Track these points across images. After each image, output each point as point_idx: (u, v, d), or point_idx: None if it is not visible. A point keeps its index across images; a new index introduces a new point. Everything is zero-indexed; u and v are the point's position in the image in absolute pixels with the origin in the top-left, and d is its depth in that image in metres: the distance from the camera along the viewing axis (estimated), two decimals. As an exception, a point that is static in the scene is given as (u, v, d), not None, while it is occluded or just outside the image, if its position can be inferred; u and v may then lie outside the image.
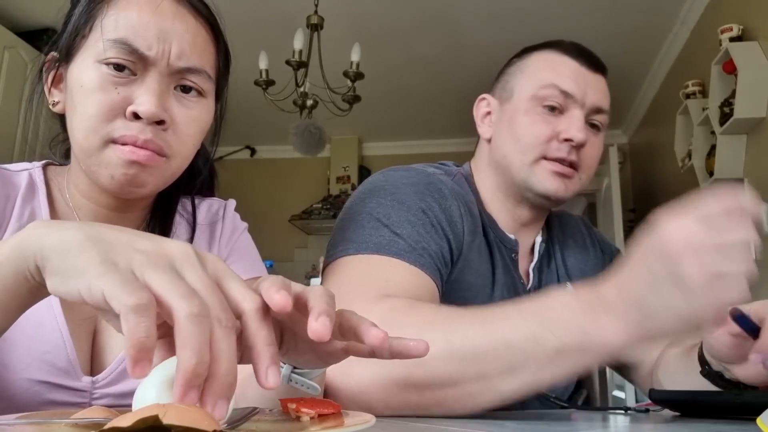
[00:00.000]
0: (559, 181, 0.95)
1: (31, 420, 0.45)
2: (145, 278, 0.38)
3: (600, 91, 0.97)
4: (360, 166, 4.92)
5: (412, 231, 0.85)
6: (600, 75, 0.99)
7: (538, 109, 0.96)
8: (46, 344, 0.66)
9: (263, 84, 2.80)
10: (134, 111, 0.65)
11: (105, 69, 0.66)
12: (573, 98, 0.95)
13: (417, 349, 0.48)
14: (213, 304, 0.38)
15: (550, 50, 0.99)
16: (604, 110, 0.97)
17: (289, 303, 0.42)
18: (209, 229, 0.83)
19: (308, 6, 2.82)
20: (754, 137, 2.40)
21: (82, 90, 0.66)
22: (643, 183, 4.15)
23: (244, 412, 0.48)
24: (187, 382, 0.36)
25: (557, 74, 0.96)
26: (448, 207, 0.90)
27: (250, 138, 4.85)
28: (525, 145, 0.96)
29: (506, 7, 3.08)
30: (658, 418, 0.77)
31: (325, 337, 0.42)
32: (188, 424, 0.34)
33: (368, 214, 0.86)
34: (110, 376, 0.69)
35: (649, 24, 3.18)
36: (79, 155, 0.69)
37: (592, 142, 0.97)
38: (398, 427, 0.59)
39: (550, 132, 0.94)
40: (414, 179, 0.91)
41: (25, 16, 3.26)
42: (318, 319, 0.42)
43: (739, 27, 2.44)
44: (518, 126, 0.97)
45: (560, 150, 0.94)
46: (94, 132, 0.65)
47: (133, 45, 0.66)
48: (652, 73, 3.65)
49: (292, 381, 0.56)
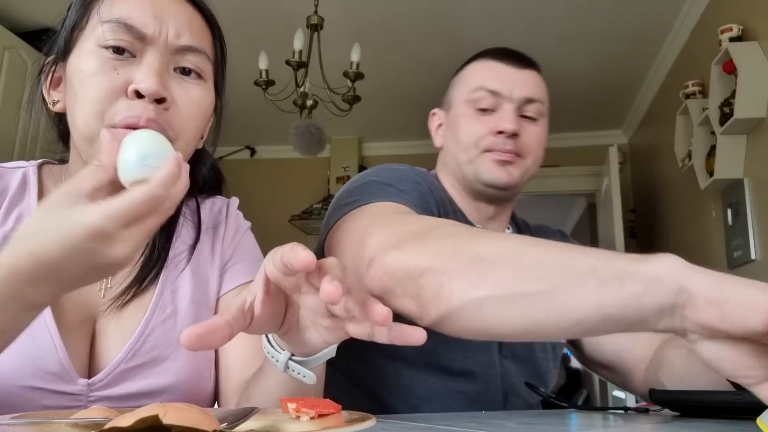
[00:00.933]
0: (502, 168, 1.04)
1: (31, 420, 0.45)
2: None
3: (528, 84, 1.06)
4: (360, 166, 4.91)
5: (415, 193, 0.93)
6: (528, 70, 1.08)
7: (471, 111, 1.07)
8: (37, 350, 0.65)
9: (263, 84, 2.80)
10: (135, 89, 0.64)
11: (105, 53, 0.66)
12: (501, 95, 1.05)
13: (414, 337, 0.49)
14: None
15: (479, 59, 1.11)
16: (534, 100, 1.06)
17: (313, 260, 0.46)
18: (212, 230, 0.83)
19: (308, 6, 2.82)
20: (754, 137, 2.40)
21: (82, 75, 0.65)
22: (643, 183, 4.15)
23: (244, 412, 0.48)
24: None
25: (484, 77, 1.07)
26: (429, 191, 1.00)
27: (250, 138, 4.85)
28: (466, 144, 1.06)
29: (506, 7, 3.08)
30: (658, 418, 0.77)
31: (335, 299, 0.44)
32: (188, 424, 0.34)
33: (369, 181, 0.92)
34: (107, 378, 0.68)
35: (649, 24, 3.18)
36: (81, 145, 0.68)
37: (528, 130, 1.06)
38: (398, 427, 0.59)
39: (485, 128, 1.04)
40: (399, 167, 1.01)
41: (25, 16, 3.26)
42: (332, 282, 0.45)
43: (739, 27, 2.44)
44: (459, 129, 1.08)
45: (497, 142, 1.04)
46: (95, 116, 0.64)
47: (130, 23, 0.65)
48: (652, 73, 3.65)
49: (289, 368, 0.57)
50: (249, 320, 0.51)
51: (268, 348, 0.59)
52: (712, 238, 2.83)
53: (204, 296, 0.78)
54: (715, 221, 2.78)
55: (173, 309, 0.74)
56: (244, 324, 0.51)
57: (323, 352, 0.58)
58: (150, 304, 0.73)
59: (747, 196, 2.44)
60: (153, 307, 0.73)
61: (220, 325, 0.48)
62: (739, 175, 2.47)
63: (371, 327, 0.49)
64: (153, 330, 0.72)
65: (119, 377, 0.69)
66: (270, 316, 0.53)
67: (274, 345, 0.59)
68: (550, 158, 4.59)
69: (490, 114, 1.06)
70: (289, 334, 0.55)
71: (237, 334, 0.50)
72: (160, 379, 0.70)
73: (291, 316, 0.55)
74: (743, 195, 2.45)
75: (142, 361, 0.70)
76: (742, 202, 2.45)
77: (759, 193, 2.37)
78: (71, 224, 0.47)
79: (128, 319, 0.71)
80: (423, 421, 0.64)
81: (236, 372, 0.75)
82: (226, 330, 0.49)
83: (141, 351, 0.70)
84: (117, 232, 0.47)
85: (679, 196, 3.35)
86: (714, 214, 2.81)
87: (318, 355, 0.58)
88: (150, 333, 0.71)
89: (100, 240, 0.47)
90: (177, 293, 0.76)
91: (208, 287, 0.79)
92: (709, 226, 2.86)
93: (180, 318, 0.74)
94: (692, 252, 3.14)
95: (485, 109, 1.06)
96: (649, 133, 4.00)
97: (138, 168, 0.49)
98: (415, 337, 0.49)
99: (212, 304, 0.79)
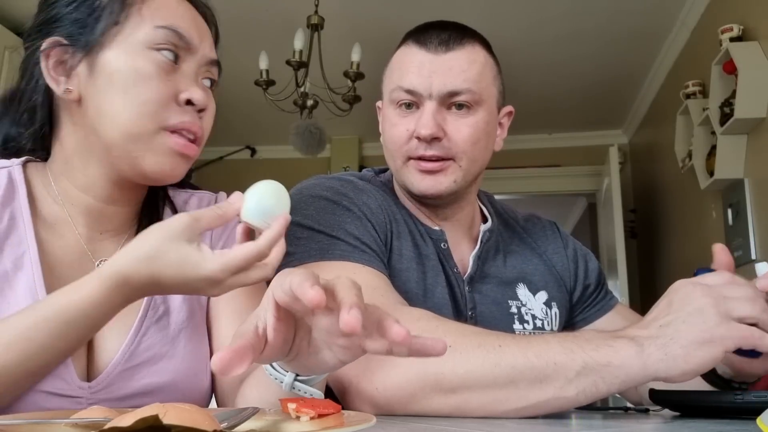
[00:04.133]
0: (428, 179, 0.93)
1: (31, 420, 0.45)
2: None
3: (451, 72, 0.91)
4: (360, 166, 4.91)
5: (347, 230, 0.86)
6: (454, 51, 0.93)
7: (393, 110, 0.95)
8: None
9: (263, 84, 2.80)
10: (188, 98, 0.70)
11: (158, 56, 0.68)
12: (419, 94, 0.92)
13: (435, 348, 0.48)
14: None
15: (403, 44, 0.99)
16: (459, 91, 0.91)
17: (323, 299, 0.44)
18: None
19: (308, 6, 2.82)
20: (754, 137, 2.40)
21: (136, 74, 0.67)
22: (643, 183, 4.15)
23: (244, 412, 0.48)
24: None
25: (402, 73, 0.94)
26: (365, 200, 0.93)
27: (251, 138, 4.85)
28: (391, 151, 0.96)
29: (506, 7, 3.08)
30: (658, 418, 0.77)
31: (357, 329, 0.42)
32: (188, 424, 0.34)
33: (298, 225, 0.87)
34: (107, 380, 0.68)
35: (650, 24, 3.18)
36: (118, 141, 0.68)
37: (457, 127, 0.92)
38: (398, 427, 0.59)
39: (406, 132, 0.93)
40: (326, 183, 0.95)
41: (26, 16, 3.25)
42: (350, 312, 0.43)
43: (740, 27, 2.44)
44: (384, 131, 0.98)
45: (418, 148, 0.92)
46: (150, 117, 0.68)
47: (180, 31, 0.70)
48: (653, 73, 3.65)
49: (294, 389, 0.56)
50: (263, 346, 0.49)
51: (270, 371, 0.57)
52: (712, 238, 2.83)
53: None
54: (716, 221, 2.78)
55: (166, 308, 0.75)
56: (260, 349, 0.49)
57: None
58: (143, 303, 0.73)
59: (747, 196, 2.43)
60: (146, 307, 0.73)
61: (247, 347, 0.47)
62: (740, 175, 2.46)
63: (390, 344, 0.47)
64: (148, 329, 0.72)
65: (118, 378, 0.69)
66: (281, 343, 0.51)
67: (276, 367, 0.57)
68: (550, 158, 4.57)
69: (413, 112, 0.93)
70: (297, 359, 0.53)
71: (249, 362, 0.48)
72: (158, 378, 0.70)
73: (300, 340, 0.53)
74: (744, 195, 2.45)
75: (140, 360, 0.70)
76: (743, 202, 2.45)
77: (759, 193, 2.37)
78: (191, 265, 0.56)
79: (122, 320, 0.70)
80: (423, 421, 0.64)
81: None
82: (250, 353, 0.47)
83: (138, 351, 0.70)
84: (225, 279, 0.57)
85: (679, 196, 3.35)
86: (714, 215, 2.81)
87: (322, 375, 0.57)
88: (145, 332, 0.72)
89: (211, 284, 0.57)
90: None
91: None
92: (710, 226, 2.86)
93: (173, 316, 0.75)
94: (692, 252, 3.14)
95: (409, 106, 0.94)
96: (650, 133, 3.99)
97: (255, 217, 0.59)
98: (436, 349, 0.48)
99: (204, 302, 0.79)
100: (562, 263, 1.10)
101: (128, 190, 0.75)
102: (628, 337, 0.64)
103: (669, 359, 0.60)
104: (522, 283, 1.03)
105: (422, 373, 0.68)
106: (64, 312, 0.57)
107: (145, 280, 0.57)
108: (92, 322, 0.59)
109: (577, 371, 0.63)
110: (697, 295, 0.63)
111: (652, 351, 0.62)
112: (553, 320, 1.03)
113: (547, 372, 0.64)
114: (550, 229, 1.15)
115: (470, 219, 1.04)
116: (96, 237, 0.75)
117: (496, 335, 0.69)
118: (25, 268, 0.68)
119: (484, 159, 0.98)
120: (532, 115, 4.10)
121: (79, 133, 0.72)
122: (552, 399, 0.64)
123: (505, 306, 0.99)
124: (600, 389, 0.63)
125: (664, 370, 0.61)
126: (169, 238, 0.57)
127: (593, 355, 0.63)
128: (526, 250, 1.08)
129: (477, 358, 0.66)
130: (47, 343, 0.58)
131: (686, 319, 0.62)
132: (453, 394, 0.67)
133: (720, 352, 0.60)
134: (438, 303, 0.92)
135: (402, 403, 0.69)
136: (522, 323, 0.99)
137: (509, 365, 0.65)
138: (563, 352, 0.64)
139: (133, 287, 0.58)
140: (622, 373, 0.62)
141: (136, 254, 0.57)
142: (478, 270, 0.99)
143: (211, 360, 0.45)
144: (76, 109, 0.71)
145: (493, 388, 0.66)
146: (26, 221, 0.70)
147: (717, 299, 0.62)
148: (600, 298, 1.11)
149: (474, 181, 0.99)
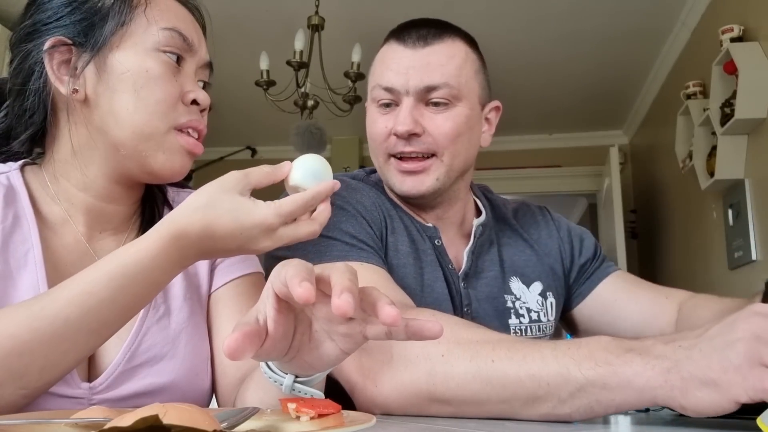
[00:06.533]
0: (410, 179, 0.93)
1: (31, 420, 0.45)
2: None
3: (428, 67, 0.91)
4: (361, 166, 4.90)
5: (343, 229, 0.87)
6: (431, 46, 0.92)
7: (373, 108, 0.96)
8: None
9: (264, 84, 2.80)
10: (195, 99, 0.72)
11: (165, 57, 0.70)
12: (397, 91, 0.92)
13: (431, 331, 0.48)
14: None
15: (386, 43, 0.98)
16: (436, 86, 0.91)
17: (312, 295, 0.44)
18: None
19: (309, 6, 2.82)
20: (754, 138, 2.40)
21: (147, 75, 0.69)
22: (643, 184, 4.15)
23: (244, 412, 0.48)
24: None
25: (381, 71, 0.95)
26: (359, 198, 0.93)
27: (251, 138, 4.85)
28: (373, 148, 0.97)
29: (506, 7, 3.07)
30: (658, 418, 0.77)
31: (348, 312, 0.43)
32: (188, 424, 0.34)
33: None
34: (108, 380, 0.68)
35: (650, 24, 3.18)
36: (128, 140, 0.70)
37: (436, 122, 0.92)
38: (398, 427, 0.59)
39: (385, 130, 0.93)
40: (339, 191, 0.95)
41: (26, 16, 3.26)
42: (341, 296, 0.43)
43: (740, 27, 2.44)
44: (367, 128, 0.98)
45: (398, 144, 0.92)
46: (161, 117, 0.70)
47: (184, 34, 0.72)
48: (653, 73, 3.65)
49: (294, 390, 0.56)
50: (264, 338, 0.49)
51: (269, 373, 0.57)
52: (713, 238, 2.83)
53: (196, 293, 0.78)
54: (716, 222, 2.78)
55: (166, 308, 0.75)
56: (261, 340, 0.49)
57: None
58: None
59: (748, 196, 2.43)
60: (146, 307, 0.73)
61: (254, 333, 0.47)
62: (740, 176, 2.46)
63: (387, 327, 0.48)
64: (148, 330, 0.72)
65: (119, 378, 0.69)
66: (281, 337, 0.51)
67: (274, 369, 0.57)
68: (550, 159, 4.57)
69: (393, 110, 0.94)
70: (299, 356, 0.53)
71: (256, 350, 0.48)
72: (159, 378, 0.71)
73: (301, 335, 0.53)
74: (744, 195, 2.45)
75: (141, 361, 0.70)
76: (743, 203, 2.45)
77: (760, 193, 2.37)
78: (244, 211, 0.58)
79: None
80: (423, 421, 0.64)
81: (232, 367, 0.75)
82: (257, 339, 0.47)
83: (138, 351, 0.71)
84: (278, 227, 0.59)
85: (679, 196, 3.35)
86: (715, 215, 2.80)
87: (321, 373, 0.57)
88: (145, 333, 0.72)
89: (264, 231, 0.59)
90: (169, 292, 0.76)
91: (200, 284, 0.79)
92: (710, 226, 2.86)
93: (174, 316, 0.75)
94: (693, 253, 3.14)
95: (389, 104, 0.94)
96: (650, 133, 3.99)
97: (305, 180, 0.62)
98: (432, 332, 0.48)
99: (204, 301, 0.80)
100: (557, 246, 1.09)
101: (128, 189, 0.76)
102: (638, 351, 0.58)
103: (666, 387, 0.54)
104: (515, 276, 1.03)
105: (416, 383, 0.68)
106: (123, 265, 0.59)
107: (200, 231, 0.58)
108: (150, 277, 0.60)
109: (571, 393, 0.60)
110: (743, 326, 0.52)
111: (652, 375, 0.55)
112: (549, 310, 1.03)
113: (539, 393, 0.62)
114: (540, 215, 1.14)
115: (461, 215, 1.03)
116: (96, 236, 0.75)
117: (491, 346, 0.67)
118: (29, 266, 0.68)
119: (469, 154, 0.97)
120: (532, 116, 4.11)
121: (81, 133, 0.72)
122: (546, 415, 0.63)
123: (500, 301, 0.99)
124: (596, 411, 0.60)
125: (663, 398, 0.55)
126: (221, 190, 0.59)
127: (589, 375, 0.59)
128: (518, 242, 1.08)
129: (468, 374, 0.65)
130: (107, 297, 0.58)
131: (709, 349, 0.53)
132: (448, 405, 0.67)
133: (725, 401, 0.51)
134: (438, 298, 0.92)
135: (403, 408, 0.70)
136: (518, 317, 0.99)
137: (501, 385, 0.64)
138: (558, 371, 0.61)
139: (190, 240, 0.59)
140: (618, 397, 0.58)
141: (192, 205, 0.59)
142: (473, 265, 1.00)
143: (224, 343, 0.45)
144: (81, 109, 0.71)
145: (486, 404, 0.65)
146: (30, 220, 0.71)
147: (760, 338, 0.50)
148: (594, 268, 1.10)
149: (460, 178, 0.98)
